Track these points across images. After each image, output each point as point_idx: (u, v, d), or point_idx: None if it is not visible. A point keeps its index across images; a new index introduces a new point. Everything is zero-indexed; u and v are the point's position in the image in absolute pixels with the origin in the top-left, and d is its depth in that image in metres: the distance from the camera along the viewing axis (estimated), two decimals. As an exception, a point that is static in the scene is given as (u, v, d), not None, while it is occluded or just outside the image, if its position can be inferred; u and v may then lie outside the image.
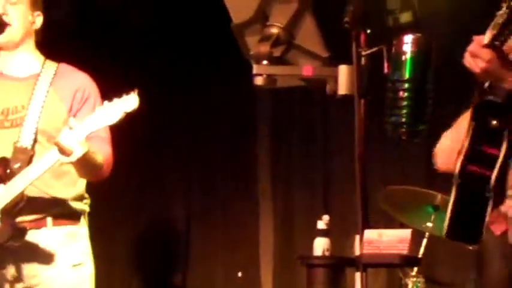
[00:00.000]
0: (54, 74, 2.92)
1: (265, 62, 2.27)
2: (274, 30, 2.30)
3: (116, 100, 2.55)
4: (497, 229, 2.71)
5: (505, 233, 2.69)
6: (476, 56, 2.36)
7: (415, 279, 3.45)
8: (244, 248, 5.16)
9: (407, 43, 2.21)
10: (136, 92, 2.51)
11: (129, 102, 2.52)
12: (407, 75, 2.18)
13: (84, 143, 2.60)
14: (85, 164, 2.68)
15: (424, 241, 3.47)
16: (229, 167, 5.14)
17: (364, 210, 2.22)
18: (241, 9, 2.32)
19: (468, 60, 2.39)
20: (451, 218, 2.63)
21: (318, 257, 2.25)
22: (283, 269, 4.92)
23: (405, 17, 5.04)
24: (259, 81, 2.28)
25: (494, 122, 2.60)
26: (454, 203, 2.63)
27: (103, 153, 2.79)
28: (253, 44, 2.33)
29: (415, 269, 3.45)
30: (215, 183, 5.18)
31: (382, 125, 2.36)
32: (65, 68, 2.96)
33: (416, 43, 2.21)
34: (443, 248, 3.97)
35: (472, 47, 2.37)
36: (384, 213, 3.65)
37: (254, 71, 2.27)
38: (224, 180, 5.16)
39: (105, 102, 2.59)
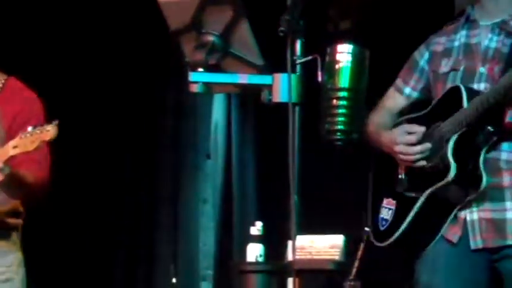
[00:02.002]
0: (1, 88, 2.90)
1: (201, 69, 2.28)
2: (210, 38, 2.31)
3: (37, 128, 2.58)
4: (453, 237, 2.74)
5: (461, 240, 2.72)
6: None
7: (352, 283, 3.50)
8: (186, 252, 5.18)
9: (341, 52, 2.25)
10: (57, 122, 2.56)
11: (49, 131, 2.57)
12: (341, 84, 2.22)
13: (5, 166, 2.62)
14: (10, 186, 2.69)
15: (362, 245, 3.53)
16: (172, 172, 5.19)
17: (298, 216, 2.25)
18: (177, 16, 2.33)
19: None
20: (410, 223, 2.69)
21: (250, 263, 2.26)
22: (224, 275, 4.96)
23: (345, 24, 5.12)
24: (195, 88, 2.29)
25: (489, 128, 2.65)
26: (419, 209, 2.68)
27: (36, 177, 2.79)
28: (189, 52, 2.34)
29: (353, 273, 3.51)
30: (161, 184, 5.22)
31: (317, 133, 2.40)
32: (14, 84, 2.94)
33: (349, 52, 2.25)
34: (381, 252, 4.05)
35: None
36: (319, 219, 3.70)
37: (190, 79, 2.28)
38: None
39: (29, 128, 2.62)
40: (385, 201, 2.81)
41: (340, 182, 4.26)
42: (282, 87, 2.26)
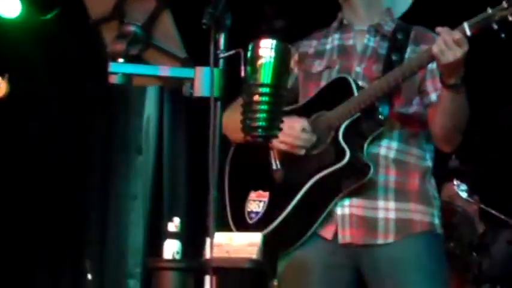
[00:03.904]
0: None
1: (121, 60, 2.22)
2: (131, 29, 2.26)
3: None
4: (328, 234, 2.74)
5: (336, 235, 2.73)
6: (459, 45, 2.49)
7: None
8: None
9: (263, 47, 2.20)
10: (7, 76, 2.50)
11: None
12: (262, 80, 2.18)
13: None
14: None
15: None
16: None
17: (218, 213, 2.21)
18: (98, 5, 2.27)
19: (443, 48, 2.46)
20: (291, 212, 2.68)
21: (165, 260, 2.21)
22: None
23: (279, 23, 5.10)
24: (114, 79, 2.23)
25: (380, 116, 2.68)
26: (302, 196, 2.68)
27: None
28: (110, 42, 2.28)
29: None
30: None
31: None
32: None
33: (272, 47, 2.20)
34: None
35: (454, 35, 2.46)
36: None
37: (109, 69, 2.23)
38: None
39: None
40: (252, 194, 2.79)
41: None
42: (204, 81, 2.21)
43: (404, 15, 2.99)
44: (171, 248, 2.28)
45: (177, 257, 2.26)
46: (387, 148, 2.74)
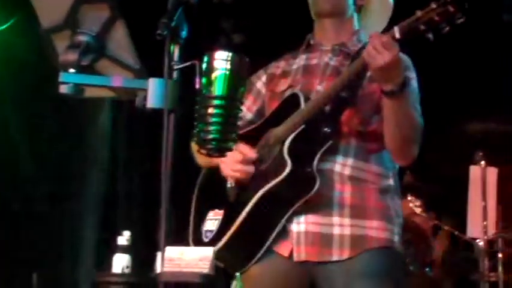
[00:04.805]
0: None
1: (72, 70, 2.18)
2: (84, 38, 2.22)
3: None
4: (284, 251, 2.72)
5: (292, 253, 2.71)
6: (387, 49, 2.43)
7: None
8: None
9: (218, 59, 2.18)
10: None
11: None
12: (217, 92, 2.15)
13: None
14: None
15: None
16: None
17: (168, 227, 2.17)
18: (50, 13, 2.23)
19: (372, 53, 2.43)
20: (238, 228, 2.65)
21: (113, 274, 2.17)
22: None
23: (237, 38, 5.10)
24: (64, 89, 2.18)
25: (326, 129, 2.65)
26: (249, 211, 2.65)
27: None
28: (62, 51, 2.23)
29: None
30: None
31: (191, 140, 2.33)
32: None
33: (227, 59, 2.18)
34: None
35: (383, 38, 2.43)
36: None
37: (60, 79, 2.18)
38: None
39: None
40: (210, 213, 2.78)
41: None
42: (157, 93, 2.18)
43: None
44: (121, 262, 2.23)
45: (127, 271, 2.22)
46: (342, 165, 2.72)
